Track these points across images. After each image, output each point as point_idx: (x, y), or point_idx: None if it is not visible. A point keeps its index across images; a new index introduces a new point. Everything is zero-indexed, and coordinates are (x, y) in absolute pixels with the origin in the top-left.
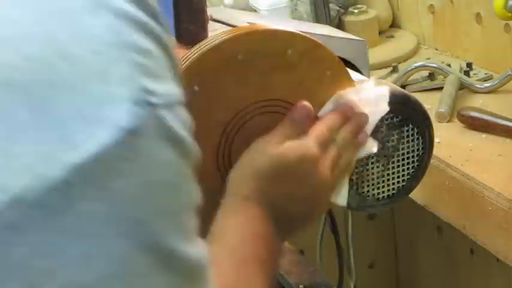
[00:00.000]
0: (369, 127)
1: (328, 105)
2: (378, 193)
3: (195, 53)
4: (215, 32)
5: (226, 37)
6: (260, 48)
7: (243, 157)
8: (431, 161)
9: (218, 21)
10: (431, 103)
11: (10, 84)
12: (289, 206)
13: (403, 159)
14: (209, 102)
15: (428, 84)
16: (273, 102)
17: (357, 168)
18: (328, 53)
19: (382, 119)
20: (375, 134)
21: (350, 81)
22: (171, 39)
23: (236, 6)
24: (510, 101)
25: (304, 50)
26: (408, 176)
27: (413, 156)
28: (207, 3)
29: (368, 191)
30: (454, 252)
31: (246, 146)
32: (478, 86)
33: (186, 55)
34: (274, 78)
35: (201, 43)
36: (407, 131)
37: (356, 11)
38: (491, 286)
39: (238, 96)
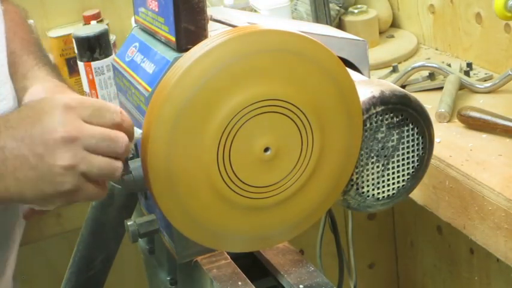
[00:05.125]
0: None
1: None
2: (378, 193)
3: (183, 66)
4: (215, 32)
5: (211, 46)
6: (248, 50)
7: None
8: (431, 161)
9: (218, 21)
10: (431, 103)
11: None
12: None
13: (403, 159)
14: (203, 110)
15: (428, 84)
16: (269, 102)
17: (357, 168)
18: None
19: (382, 119)
20: (374, 134)
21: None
22: None
23: (236, 6)
24: (510, 101)
25: (289, 45)
26: (408, 176)
27: (413, 156)
28: (207, 3)
29: (368, 191)
30: (454, 252)
31: (245, 147)
32: (478, 86)
33: (176, 67)
34: (264, 78)
35: (187, 54)
36: (407, 131)
37: (356, 11)
38: (491, 286)
39: (231, 100)
